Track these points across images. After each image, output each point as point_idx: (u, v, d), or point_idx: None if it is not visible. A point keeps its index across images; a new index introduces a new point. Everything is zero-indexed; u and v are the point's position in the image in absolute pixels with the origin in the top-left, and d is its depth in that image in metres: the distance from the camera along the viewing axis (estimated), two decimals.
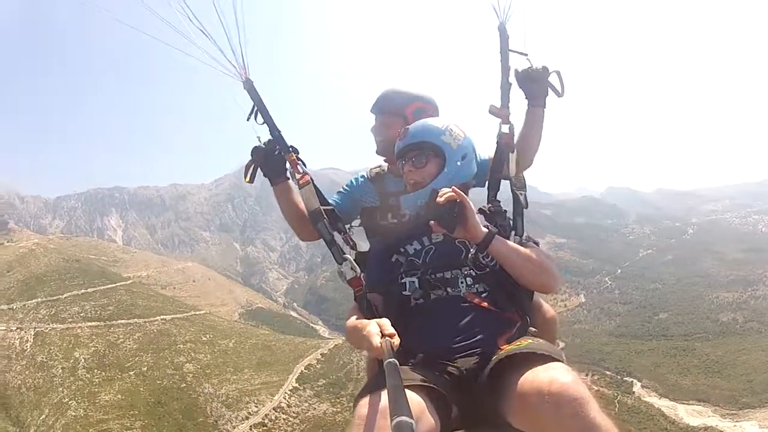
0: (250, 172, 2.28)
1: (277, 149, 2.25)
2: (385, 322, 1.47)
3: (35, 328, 57.65)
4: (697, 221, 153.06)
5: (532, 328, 1.76)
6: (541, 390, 1.25)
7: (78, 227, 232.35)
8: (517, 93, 2.27)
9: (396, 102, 2.48)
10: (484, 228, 1.80)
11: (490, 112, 2.22)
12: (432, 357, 1.64)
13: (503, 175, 2.14)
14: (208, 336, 61.27)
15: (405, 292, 1.84)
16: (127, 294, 69.38)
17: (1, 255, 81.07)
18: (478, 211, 2.00)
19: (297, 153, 2.27)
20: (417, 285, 1.82)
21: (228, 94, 2.27)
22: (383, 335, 1.41)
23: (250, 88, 2.26)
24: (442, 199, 1.72)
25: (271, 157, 2.25)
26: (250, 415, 46.13)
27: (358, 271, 1.94)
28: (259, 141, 2.26)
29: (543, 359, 1.38)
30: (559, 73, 2.20)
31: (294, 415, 47.43)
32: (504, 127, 2.20)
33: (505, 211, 2.05)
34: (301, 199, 2.23)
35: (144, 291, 76.50)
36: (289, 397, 49.75)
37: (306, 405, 49.01)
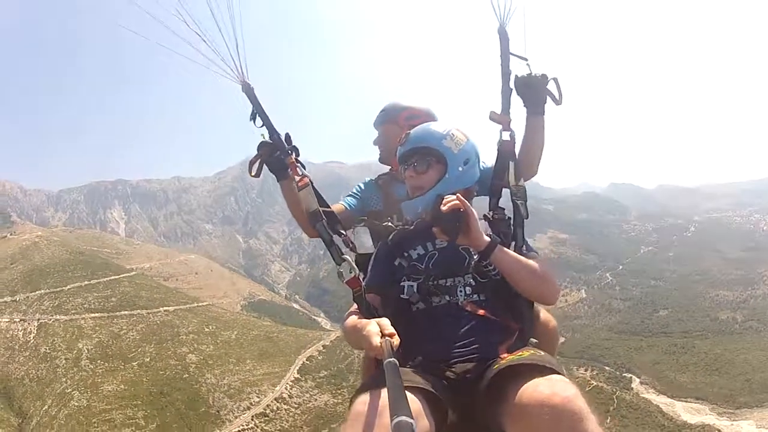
0: (256, 167, 2.33)
1: (278, 151, 2.30)
2: (385, 322, 1.47)
3: (39, 319, 58.14)
4: (699, 219, 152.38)
5: (533, 339, 1.79)
6: (542, 402, 1.24)
7: (80, 220, 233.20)
8: (517, 99, 2.24)
9: (389, 112, 2.69)
10: (487, 237, 1.79)
11: (491, 118, 2.17)
12: (430, 361, 1.65)
13: (504, 183, 2.10)
14: (210, 327, 61.61)
15: (403, 296, 1.84)
16: (130, 285, 69.75)
17: (5, 248, 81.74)
18: (482, 218, 2.00)
19: (297, 154, 2.30)
20: (415, 290, 1.82)
21: (231, 88, 2.27)
22: (383, 335, 1.40)
23: (249, 91, 2.27)
24: (445, 208, 1.72)
25: (277, 154, 2.30)
26: (251, 406, 46.50)
27: (357, 271, 1.93)
28: (264, 137, 2.30)
29: (545, 371, 1.38)
30: (556, 80, 2.15)
31: (295, 405, 47.82)
32: (505, 134, 2.15)
33: (508, 218, 2.02)
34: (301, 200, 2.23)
35: (147, 283, 76.74)
36: (290, 388, 50.14)
37: (307, 396, 49.39)
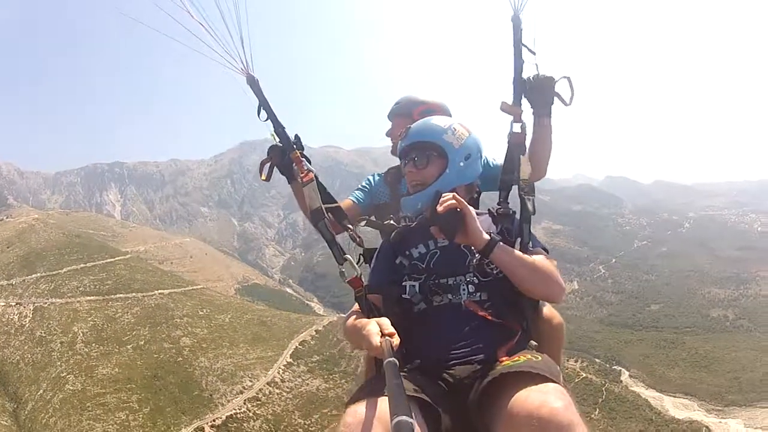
0: (266, 170, 2.33)
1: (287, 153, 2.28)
2: (385, 322, 1.47)
3: (34, 303, 58.01)
4: (694, 216, 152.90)
5: (533, 341, 1.76)
6: (531, 412, 1.23)
7: (77, 202, 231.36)
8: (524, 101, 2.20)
9: (404, 106, 2.69)
10: (487, 235, 1.75)
11: (502, 109, 2.11)
12: (429, 363, 1.65)
13: (513, 179, 2.04)
14: (204, 311, 61.57)
15: (404, 296, 1.82)
16: (126, 268, 69.45)
17: (1, 231, 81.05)
18: (486, 212, 1.98)
19: (302, 149, 2.27)
20: (417, 290, 1.80)
21: (230, 72, 2.20)
22: (383, 334, 1.40)
23: (253, 84, 2.23)
24: (441, 208, 1.71)
25: (288, 157, 2.29)
26: (244, 390, 46.70)
27: (359, 271, 1.91)
28: (274, 139, 2.28)
29: (538, 379, 1.36)
30: (569, 79, 2.08)
31: (287, 390, 48.10)
32: (515, 126, 2.09)
33: (513, 212, 1.96)
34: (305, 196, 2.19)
35: (142, 266, 76.49)
36: (283, 372, 50.33)
37: (299, 380, 49.61)
